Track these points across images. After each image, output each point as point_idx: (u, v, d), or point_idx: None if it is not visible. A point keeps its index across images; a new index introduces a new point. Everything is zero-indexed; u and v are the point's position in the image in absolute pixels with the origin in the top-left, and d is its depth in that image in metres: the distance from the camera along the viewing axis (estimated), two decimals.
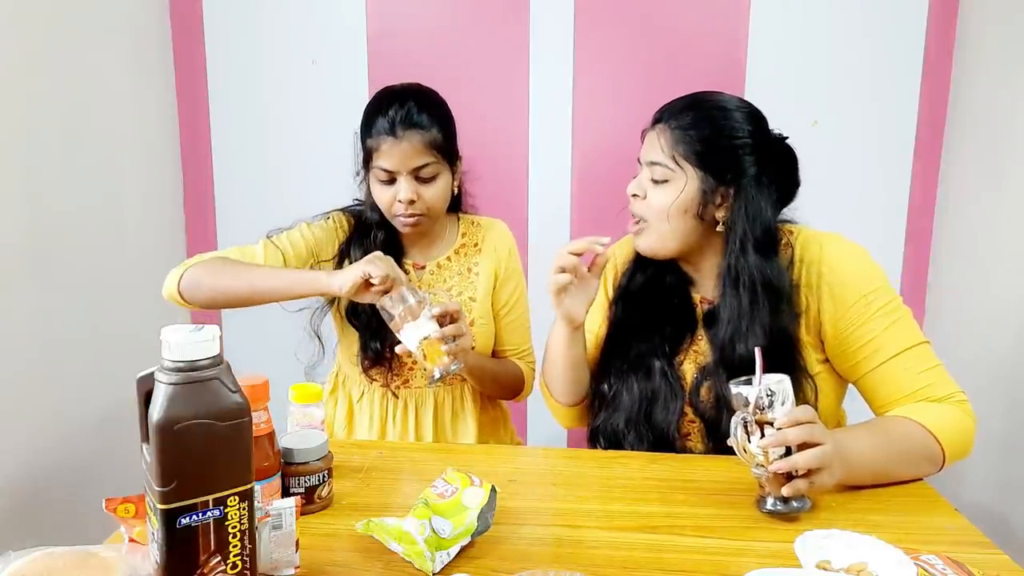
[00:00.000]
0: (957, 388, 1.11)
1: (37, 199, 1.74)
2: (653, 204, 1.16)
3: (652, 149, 1.17)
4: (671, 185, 1.14)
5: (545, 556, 0.87)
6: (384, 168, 1.32)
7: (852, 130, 2.15)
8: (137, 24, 2.13)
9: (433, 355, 1.21)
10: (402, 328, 1.20)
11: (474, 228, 1.50)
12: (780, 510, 0.95)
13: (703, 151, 1.13)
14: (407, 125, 1.30)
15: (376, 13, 2.22)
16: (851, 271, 1.14)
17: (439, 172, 1.35)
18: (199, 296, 1.29)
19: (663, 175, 1.15)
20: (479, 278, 1.46)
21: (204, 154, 2.34)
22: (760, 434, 0.95)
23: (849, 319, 1.12)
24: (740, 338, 1.12)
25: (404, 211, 1.33)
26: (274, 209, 2.34)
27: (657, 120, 1.18)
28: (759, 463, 0.95)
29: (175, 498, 0.66)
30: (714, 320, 1.17)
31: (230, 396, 0.68)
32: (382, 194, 1.35)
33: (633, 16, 2.16)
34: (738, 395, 0.97)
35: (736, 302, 1.13)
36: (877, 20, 2.10)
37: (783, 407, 0.95)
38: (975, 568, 0.80)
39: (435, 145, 1.32)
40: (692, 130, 1.14)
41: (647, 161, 1.17)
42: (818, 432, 0.94)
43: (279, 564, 0.80)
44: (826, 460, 0.94)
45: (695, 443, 1.23)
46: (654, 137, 1.17)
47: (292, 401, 1.06)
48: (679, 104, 1.18)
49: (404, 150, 1.30)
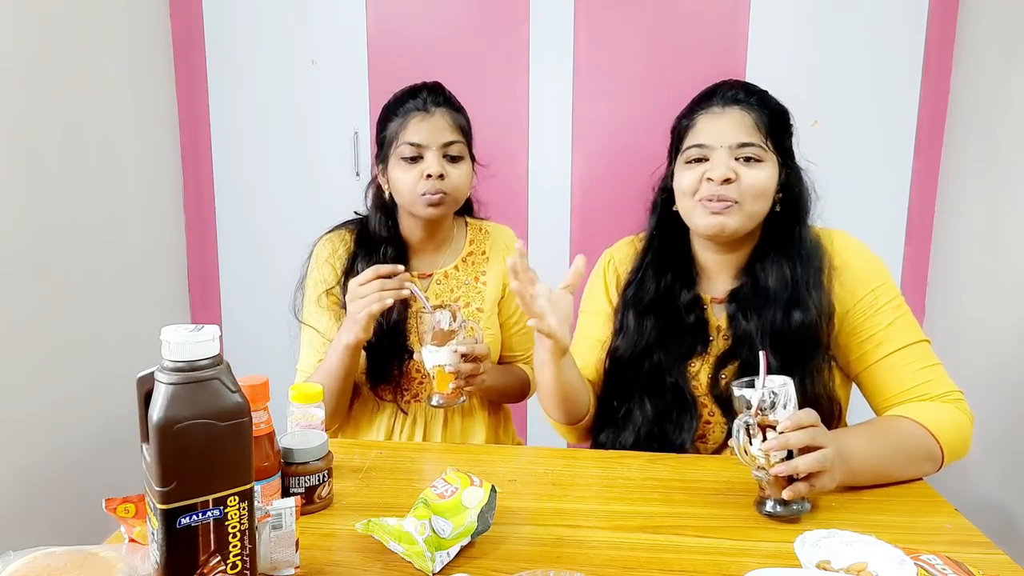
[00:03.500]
0: (954, 387, 1.12)
1: (38, 199, 1.74)
2: (752, 184, 1.12)
3: (738, 130, 1.13)
4: (765, 164, 1.13)
5: (545, 556, 0.87)
6: (412, 143, 1.30)
7: (852, 130, 2.15)
8: (137, 24, 2.13)
9: (441, 383, 1.24)
10: (424, 345, 1.23)
11: (481, 235, 1.48)
12: (780, 513, 0.95)
13: (779, 133, 1.15)
14: (438, 103, 1.33)
15: (376, 13, 2.22)
16: (861, 265, 1.16)
17: (464, 155, 1.35)
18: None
19: (756, 154, 1.12)
20: (487, 288, 1.44)
21: (204, 154, 2.34)
22: (762, 437, 0.95)
23: (859, 310, 1.14)
24: (798, 304, 1.12)
25: (431, 188, 1.30)
26: (274, 209, 2.36)
27: (733, 100, 1.15)
28: (760, 466, 0.95)
29: (175, 498, 0.66)
30: (753, 298, 1.16)
31: (230, 396, 0.68)
32: (405, 175, 1.31)
33: (632, 16, 2.16)
34: (740, 398, 0.97)
35: (790, 273, 1.13)
36: (877, 20, 2.11)
37: (785, 410, 0.95)
38: (975, 568, 0.80)
39: (463, 128, 1.35)
40: (767, 110, 1.15)
41: (734, 143, 1.12)
42: (820, 436, 0.94)
43: (279, 564, 0.80)
44: (827, 463, 0.93)
45: (715, 438, 1.22)
46: (736, 118, 1.14)
47: (292, 401, 1.06)
48: (742, 86, 1.17)
49: (435, 123, 1.31)
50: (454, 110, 1.35)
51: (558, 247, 2.29)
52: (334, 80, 2.25)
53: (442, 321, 1.21)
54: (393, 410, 1.42)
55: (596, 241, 1.49)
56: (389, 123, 1.35)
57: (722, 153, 1.12)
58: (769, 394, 0.95)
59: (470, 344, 1.25)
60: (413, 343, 1.37)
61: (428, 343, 1.23)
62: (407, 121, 1.32)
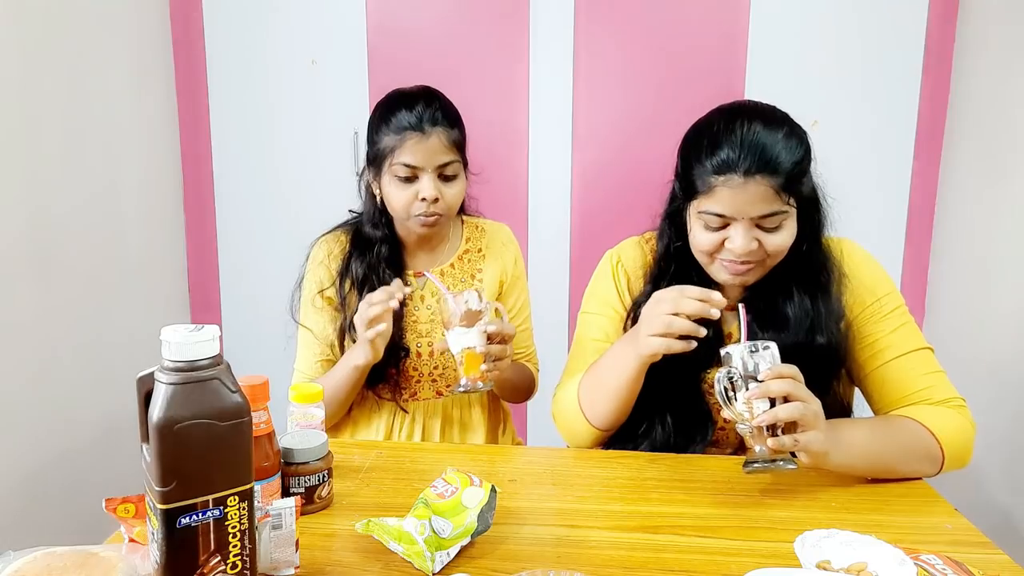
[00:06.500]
0: (957, 394, 1.12)
1: (37, 199, 1.74)
2: (776, 246, 1.08)
3: (760, 202, 1.05)
4: (788, 223, 1.08)
5: (545, 556, 0.87)
6: (407, 164, 1.28)
7: (852, 130, 2.15)
8: (137, 24, 2.13)
9: (470, 367, 1.20)
10: (452, 328, 1.19)
11: (478, 232, 1.48)
12: (762, 467, 0.96)
13: (800, 180, 1.08)
14: (435, 122, 1.28)
15: (376, 13, 2.22)
16: (868, 273, 1.17)
17: (459, 172, 1.34)
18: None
19: (779, 220, 1.07)
20: (483, 285, 1.44)
21: (204, 154, 2.34)
22: (746, 391, 0.97)
23: (865, 317, 1.15)
24: (820, 330, 1.11)
25: (425, 210, 1.30)
26: (274, 209, 2.36)
27: (755, 170, 1.04)
28: (745, 419, 0.97)
29: (175, 498, 0.66)
30: (766, 311, 1.14)
31: (230, 396, 0.68)
32: (400, 193, 1.30)
33: (633, 17, 2.16)
34: (727, 355, 0.99)
35: (811, 303, 1.13)
36: (877, 20, 2.11)
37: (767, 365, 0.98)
38: (975, 568, 0.80)
39: (457, 144, 1.32)
40: (789, 168, 1.05)
41: (757, 215, 1.06)
42: (802, 390, 0.96)
43: (279, 564, 0.80)
44: (809, 416, 0.95)
45: (730, 441, 1.23)
46: (759, 191, 1.05)
47: (292, 401, 1.06)
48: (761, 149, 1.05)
49: (432, 145, 1.28)
50: (449, 126, 1.31)
51: (558, 247, 2.29)
52: (334, 80, 2.24)
53: (470, 301, 1.17)
54: (392, 408, 1.42)
55: (596, 241, 1.49)
56: (383, 135, 1.31)
57: (744, 224, 1.06)
58: (750, 348, 0.97)
59: (498, 324, 1.22)
60: (409, 341, 1.37)
61: (455, 326, 1.19)
62: (403, 141, 1.28)
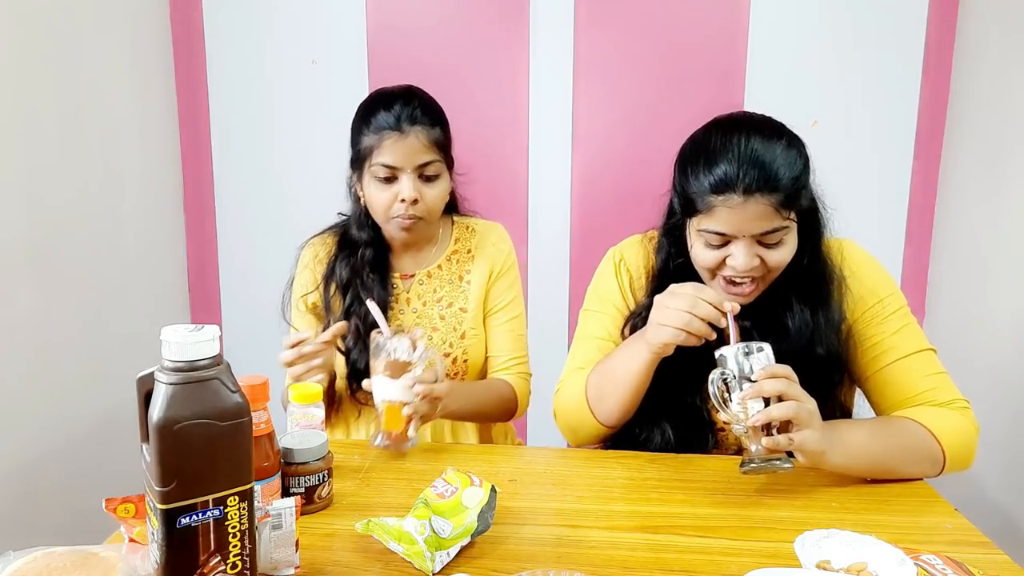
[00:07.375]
0: (960, 395, 1.12)
1: (37, 199, 1.74)
2: (777, 261, 1.08)
3: (761, 220, 1.04)
4: (789, 237, 1.08)
5: (545, 556, 0.87)
6: (386, 164, 1.26)
7: (852, 130, 2.15)
8: (137, 24, 2.13)
9: (390, 422, 1.11)
10: (376, 375, 1.12)
11: (468, 233, 1.45)
12: (758, 467, 0.96)
13: (800, 192, 1.07)
14: (413, 120, 1.26)
15: (376, 13, 2.22)
16: (870, 274, 1.17)
17: (441, 172, 1.31)
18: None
19: (781, 236, 1.06)
20: (471, 286, 1.41)
21: (204, 154, 2.34)
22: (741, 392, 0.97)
23: (867, 319, 1.15)
24: (820, 341, 1.11)
25: (404, 212, 1.28)
26: (274, 209, 2.35)
27: (755, 189, 1.03)
28: (739, 420, 0.97)
29: (175, 498, 0.66)
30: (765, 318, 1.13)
31: (230, 396, 0.68)
32: (380, 194, 1.29)
33: (633, 17, 2.16)
34: (721, 357, 0.99)
35: (811, 316, 1.12)
36: (877, 20, 2.10)
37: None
38: (975, 568, 0.80)
39: (439, 144, 1.30)
40: (788, 183, 1.04)
41: (758, 232, 1.05)
42: (796, 389, 0.96)
43: (279, 564, 0.80)
44: (804, 415, 0.95)
45: (729, 442, 1.22)
46: (759, 209, 1.03)
47: (292, 401, 1.06)
48: (761, 165, 1.04)
49: (410, 145, 1.26)
50: (429, 125, 1.28)
51: (558, 247, 2.29)
52: (334, 80, 2.25)
53: (399, 350, 1.09)
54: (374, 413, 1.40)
55: (596, 241, 1.48)
56: (363, 135, 1.29)
57: (745, 242, 1.05)
58: (743, 349, 0.98)
59: (428, 383, 1.11)
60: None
61: (380, 372, 1.10)
62: (381, 141, 1.26)
